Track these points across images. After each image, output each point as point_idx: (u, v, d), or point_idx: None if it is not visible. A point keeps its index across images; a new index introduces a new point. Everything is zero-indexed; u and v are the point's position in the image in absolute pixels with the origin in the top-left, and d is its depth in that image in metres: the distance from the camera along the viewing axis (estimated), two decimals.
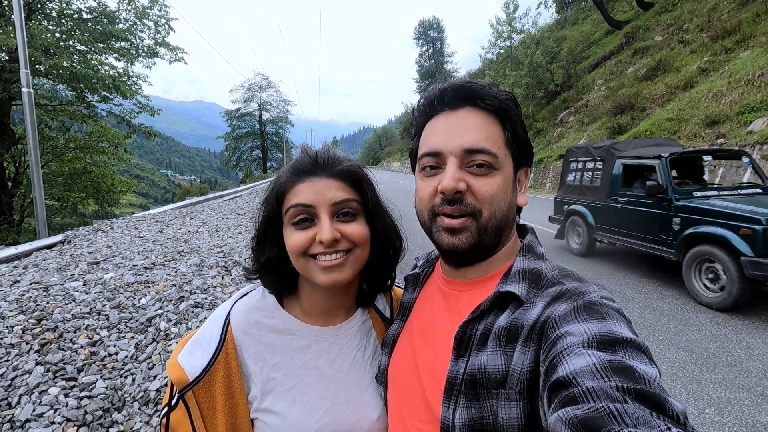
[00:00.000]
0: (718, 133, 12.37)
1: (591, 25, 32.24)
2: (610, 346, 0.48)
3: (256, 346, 0.79)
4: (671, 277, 5.58)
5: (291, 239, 0.76)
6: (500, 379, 0.58)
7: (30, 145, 7.22)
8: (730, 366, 3.34)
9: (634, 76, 20.00)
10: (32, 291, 3.00)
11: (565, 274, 0.67)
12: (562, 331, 0.53)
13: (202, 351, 0.76)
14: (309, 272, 0.76)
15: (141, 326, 2.68)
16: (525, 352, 0.58)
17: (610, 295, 0.60)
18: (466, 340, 0.65)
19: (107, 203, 18.60)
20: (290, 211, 0.76)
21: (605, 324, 0.52)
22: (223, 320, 0.80)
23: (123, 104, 16.82)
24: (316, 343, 0.83)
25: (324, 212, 0.75)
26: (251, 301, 0.84)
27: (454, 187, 0.65)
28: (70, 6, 14.70)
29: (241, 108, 45.82)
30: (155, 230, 5.75)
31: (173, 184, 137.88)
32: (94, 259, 3.93)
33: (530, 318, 0.60)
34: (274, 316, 0.82)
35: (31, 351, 2.35)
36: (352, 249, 0.77)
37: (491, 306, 0.66)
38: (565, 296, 0.60)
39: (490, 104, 0.69)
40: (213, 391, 0.74)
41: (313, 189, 0.76)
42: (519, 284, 0.65)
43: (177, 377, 0.74)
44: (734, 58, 15.03)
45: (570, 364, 0.47)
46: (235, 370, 0.76)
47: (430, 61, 65.38)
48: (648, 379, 0.43)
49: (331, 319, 0.86)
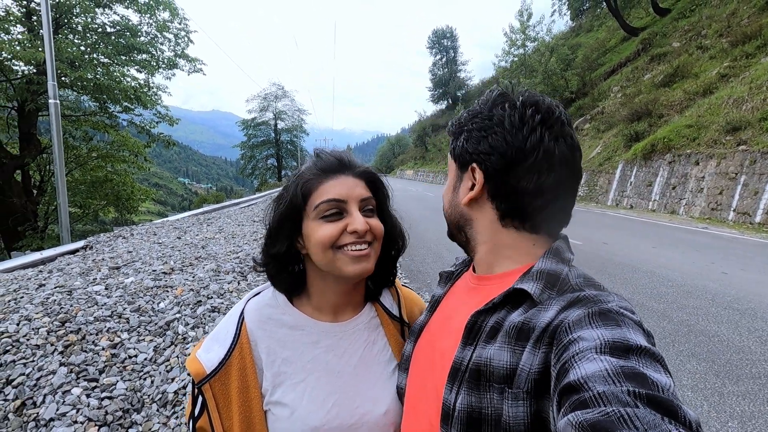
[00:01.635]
0: (740, 139, 12.09)
1: (606, 32, 31.96)
2: (624, 353, 0.48)
3: (268, 341, 0.82)
4: (691, 287, 5.45)
5: (320, 231, 0.79)
6: (503, 375, 0.59)
7: (56, 154, 7.48)
8: (754, 378, 3.24)
9: (652, 82, 19.72)
10: (57, 294, 3.09)
11: (589, 283, 0.67)
12: (574, 336, 0.53)
13: (219, 346, 0.80)
14: (337, 263, 0.80)
15: (160, 329, 2.75)
16: (535, 353, 0.58)
17: (630, 306, 0.59)
18: (476, 330, 0.66)
19: (127, 210, 19.06)
20: (321, 206, 0.79)
21: (619, 331, 0.51)
22: (238, 317, 0.84)
23: (143, 114, 17.30)
24: (325, 339, 0.86)
25: (354, 206, 0.81)
26: (263, 299, 0.88)
27: None
28: (95, 20, 15.26)
29: (257, 117, 46.59)
30: (173, 236, 5.88)
31: (190, 192, 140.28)
32: (115, 264, 4.04)
33: (543, 320, 0.60)
34: (284, 313, 0.86)
35: (56, 352, 2.43)
36: (373, 242, 0.82)
37: (503, 301, 0.67)
38: (581, 302, 0.60)
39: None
40: (228, 383, 0.78)
41: (343, 185, 0.81)
42: (534, 283, 0.66)
43: (195, 370, 0.78)
44: (755, 63, 14.71)
45: (582, 368, 0.47)
46: (249, 363, 0.80)
47: (443, 70, 65.58)
48: (661, 387, 0.43)
49: (340, 315, 0.89)
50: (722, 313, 4.54)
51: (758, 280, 5.84)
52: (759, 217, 10.63)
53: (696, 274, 6.10)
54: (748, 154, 11.43)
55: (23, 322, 2.63)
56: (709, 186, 12.47)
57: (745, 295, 5.14)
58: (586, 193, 19.41)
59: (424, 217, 13.07)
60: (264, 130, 47.68)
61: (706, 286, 5.52)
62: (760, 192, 10.77)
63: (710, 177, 12.52)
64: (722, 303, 4.86)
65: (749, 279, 5.89)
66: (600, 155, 19.49)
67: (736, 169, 11.70)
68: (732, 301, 4.90)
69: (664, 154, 14.67)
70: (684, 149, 13.89)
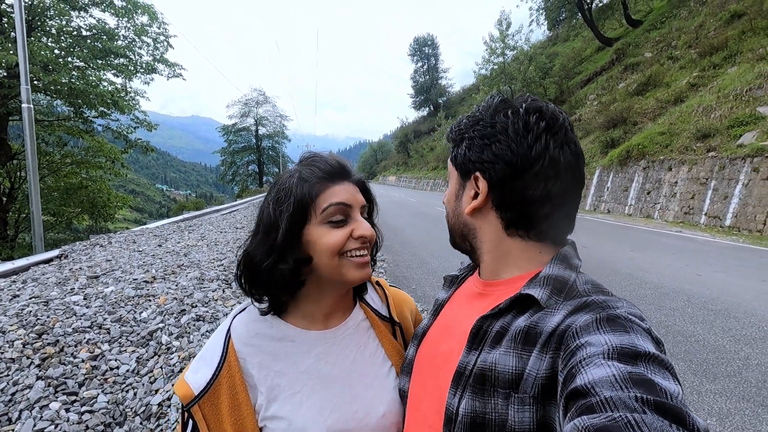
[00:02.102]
0: (709, 146, 12.59)
1: (582, 41, 32.96)
2: (632, 359, 0.47)
3: (259, 356, 0.81)
4: (668, 289, 5.62)
5: (328, 237, 0.78)
6: (508, 380, 0.59)
7: (29, 161, 7.23)
8: (729, 376, 3.36)
9: (626, 91, 20.38)
10: (32, 305, 2.98)
11: (597, 290, 0.66)
12: (582, 341, 0.53)
13: (206, 366, 0.79)
14: (342, 269, 0.80)
15: (142, 340, 2.68)
16: (542, 357, 0.58)
17: (639, 312, 0.58)
18: (482, 334, 0.66)
19: (103, 218, 18.53)
20: (329, 209, 0.79)
21: (628, 337, 0.51)
22: (224, 335, 0.83)
23: (120, 119, 16.90)
24: (316, 347, 0.85)
25: (358, 211, 0.82)
26: (250, 315, 0.87)
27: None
28: (70, 23, 14.88)
29: (238, 123, 46.12)
30: (154, 244, 5.74)
31: (169, 199, 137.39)
32: (94, 273, 3.92)
33: (550, 325, 0.60)
34: (272, 326, 0.85)
35: (32, 365, 2.34)
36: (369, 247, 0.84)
37: (510, 306, 0.67)
38: (589, 307, 0.59)
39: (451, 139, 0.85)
40: (218, 403, 0.76)
41: (348, 191, 0.82)
42: (541, 288, 0.65)
43: (183, 393, 0.77)
44: (722, 73, 15.39)
45: (589, 374, 0.47)
46: (239, 382, 0.79)
47: (425, 77, 66.34)
48: (670, 394, 0.42)
49: (330, 321, 0.89)
50: (698, 314, 4.69)
51: (730, 281, 6.07)
52: (729, 220, 11.06)
53: (672, 277, 6.30)
54: (717, 160, 11.90)
55: None
56: (682, 191, 12.92)
57: (718, 295, 5.33)
58: None
59: (408, 222, 13.12)
60: (245, 136, 47.21)
61: (682, 287, 5.70)
62: (730, 196, 11.22)
63: (683, 182, 12.98)
64: (698, 304, 5.03)
65: (722, 280, 6.11)
66: None
67: (706, 175, 12.16)
68: (707, 302, 5.07)
69: (638, 160, 15.15)
70: (657, 155, 14.38)
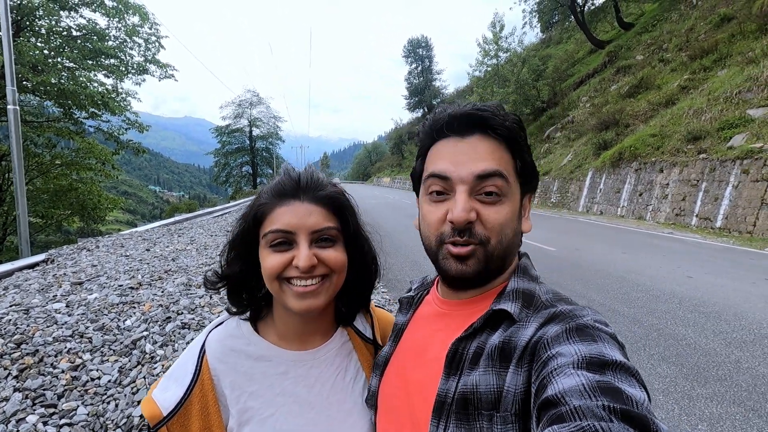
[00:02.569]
0: (700, 148, 12.70)
1: (575, 44, 33.20)
2: (600, 368, 0.49)
3: (233, 375, 0.77)
4: (659, 291, 5.63)
5: (267, 262, 0.74)
6: (492, 400, 0.58)
7: (14, 163, 7.10)
8: (720, 380, 3.36)
9: (618, 93, 20.56)
10: (12, 313, 2.90)
11: (558, 298, 0.67)
12: (553, 352, 0.53)
13: (177, 384, 0.74)
14: (283, 297, 0.75)
15: (125, 349, 2.61)
16: (518, 372, 0.58)
17: (603, 319, 0.60)
18: (458, 358, 0.64)
19: (93, 220, 18.32)
20: (269, 235, 0.75)
21: (596, 346, 0.52)
22: (198, 351, 0.78)
23: (111, 120, 16.73)
24: (294, 369, 0.81)
25: (303, 238, 0.74)
26: (226, 329, 0.82)
27: (465, 218, 0.65)
28: (60, 23, 14.71)
29: (231, 124, 45.89)
30: (142, 248, 5.65)
31: (161, 200, 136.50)
32: (78, 279, 3.83)
33: (524, 338, 0.60)
34: (249, 343, 0.81)
35: (9, 377, 2.27)
36: (329, 275, 0.77)
37: (484, 324, 0.66)
38: (558, 318, 0.60)
39: (501, 133, 0.68)
40: (188, 425, 0.72)
41: (294, 214, 0.75)
42: (512, 303, 0.65)
43: (150, 413, 0.71)
44: (712, 76, 15.56)
45: (559, 383, 0.48)
46: (212, 402, 0.74)
47: (419, 78, 66.44)
48: (635, 401, 0.44)
49: (307, 343, 0.84)
50: (689, 317, 4.70)
51: (721, 283, 6.10)
52: (719, 222, 11.16)
53: (663, 279, 6.32)
54: (708, 162, 12.01)
55: None
56: (673, 192, 13.02)
57: (709, 298, 5.35)
58: (558, 199, 19.94)
59: (402, 225, 13.10)
60: (238, 137, 46.98)
61: (674, 290, 5.72)
62: (720, 198, 11.32)
63: (674, 184, 13.09)
64: (689, 306, 5.04)
65: (713, 282, 6.14)
66: (571, 163, 20.09)
67: (697, 177, 12.27)
68: (698, 305, 5.09)
69: (630, 162, 15.26)
70: (649, 157, 14.49)
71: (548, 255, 8.26)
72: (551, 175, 21.13)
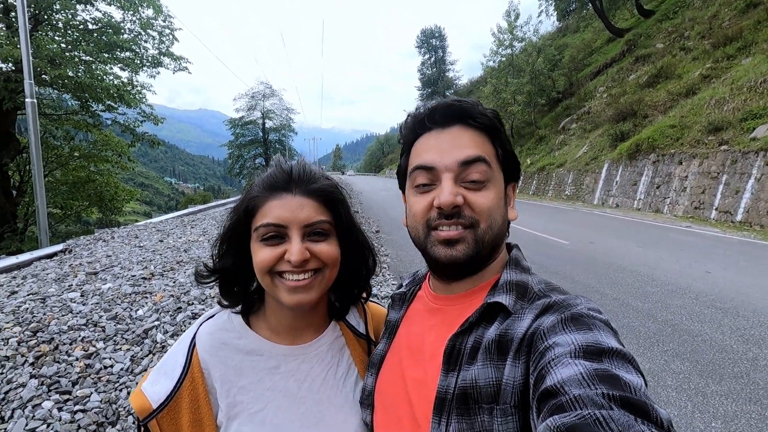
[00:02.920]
0: (721, 139, 12.33)
1: (592, 32, 32.36)
2: (597, 356, 0.49)
3: (223, 369, 0.76)
4: (675, 286, 5.52)
5: (258, 255, 0.74)
6: (491, 394, 0.58)
7: (33, 155, 7.27)
8: (736, 378, 3.28)
9: (636, 83, 20.02)
10: (29, 302, 2.99)
11: (551, 288, 0.68)
12: (550, 342, 0.54)
13: (167, 377, 0.74)
14: (275, 291, 0.75)
15: (137, 338, 2.66)
16: (516, 365, 0.58)
17: (596, 306, 0.61)
18: (456, 353, 0.64)
19: (111, 211, 18.71)
20: (260, 229, 0.74)
21: (592, 334, 0.53)
22: (188, 344, 0.77)
23: (127, 113, 16.97)
24: (285, 363, 0.81)
25: (295, 232, 0.73)
26: (217, 322, 0.82)
27: (452, 201, 0.65)
28: (76, 17, 14.90)
29: (245, 116, 46.13)
30: (155, 239, 5.75)
31: (177, 191, 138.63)
32: (93, 269, 3.92)
33: (520, 330, 0.60)
34: (241, 337, 0.80)
35: (26, 364, 2.34)
36: (321, 269, 0.76)
37: (480, 318, 0.66)
38: (553, 308, 0.61)
39: (481, 122, 0.70)
40: (178, 418, 0.72)
41: (285, 207, 0.74)
42: (506, 295, 0.66)
43: (139, 406, 0.71)
44: (736, 65, 15.02)
45: (558, 373, 0.48)
46: (202, 395, 0.74)
47: (432, 69, 65.72)
48: (633, 387, 0.44)
49: (299, 337, 0.84)
50: (705, 312, 4.59)
51: (740, 278, 5.94)
52: (740, 215, 10.85)
53: (680, 273, 6.18)
54: (729, 153, 11.65)
55: None
56: (692, 185, 12.69)
57: (727, 293, 5.22)
58: (573, 192, 19.63)
59: None
60: (252, 129, 47.24)
61: (690, 285, 5.60)
62: (741, 191, 10.99)
63: (693, 176, 12.74)
64: (705, 302, 4.93)
65: (731, 278, 5.98)
66: (586, 155, 19.72)
67: (718, 169, 11.92)
68: (715, 300, 4.97)
69: (648, 154, 14.90)
70: (668, 149, 14.12)
71: (561, 248, 8.16)
72: (566, 167, 20.78)
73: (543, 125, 27.66)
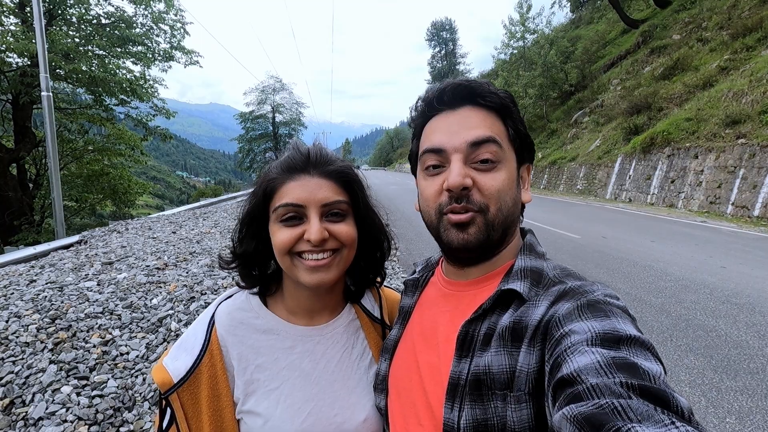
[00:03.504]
0: (739, 133, 12.05)
1: (606, 24, 31.73)
2: (614, 344, 0.48)
3: (240, 347, 0.78)
4: (689, 281, 5.44)
5: (278, 236, 0.75)
6: (505, 380, 0.58)
7: (49, 148, 7.40)
8: (751, 373, 3.23)
9: (651, 75, 19.62)
10: (48, 290, 3.05)
11: (567, 274, 0.66)
12: (566, 330, 0.53)
13: (187, 353, 0.76)
14: (294, 271, 0.76)
15: (152, 326, 2.71)
16: (531, 352, 0.57)
17: (614, 293, 0.59)
18: (469, 340, 0.64)
19: (124, 204, 18.97)
20: (279, 209, 0.74)
21: (609, 322, 0.51)
22: (208, 322, 0.79)
23: (140, 107, 17.14)
24: (301, 344, 0.82)
25: (314, 212, 0.74)
26: (235, 302, 0.83)
27: (461, 183, 0.65)
28: (89, 12, 15.04)
29: (255, 110, 46.28)
30: (168, 231, 5.83)
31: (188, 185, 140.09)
32: (109, 259, 3.99)
33: (535, 317, 0.59)
34: (258, 317, 0.82)
35: (45, 350, 2.40)
36: (340, 249, 0.77)
37: (494, 305, 0.65)
38: (569, 295, 0.60)
39: (491, 101, 0.69)
40: (198, 393, 0.74)
41: (304, 188, 0.75)
42: (521, 282, 0.65)
43: (161, 379, 0.73)
44: (756, 56, 14.62)
45: (574, 361, 0.47)
46: (220, 371, 0.76)
47: (442, 62, 65.20)
48: (652, 376, 0.43)
49: (316, 319, 0.85)
50: (720, 308, 4.52)
51: (756, 274, 5.83)
52: (758, 210, 10.62)
53: (694, 268, 6.09)
54: (747, 147, 11.39)
55: (12, 319, 2.59)
56: (708, 180, 12.45)
57: (743, 289, 5.13)
58: (585, 186, 19.39)
59: None
60: (262, 123, 47.40)
61: (705, 280, 5.51)
62: (759, 185, 10.75)
63: (709, 170, 12.49)
64: (720, 297, 4.85)
65: (747, 273, 5.87)
66: (599, 148, 19.44)
67: (735, 163, 11.67)
68: (730, 296, 4.89)
69: (663, 148, 14.63)
70: (683, 143, 13.85)
71: (573, 242, 8.08)
72: (578, 161, 20.52)
73: (555, 119, 27.29)
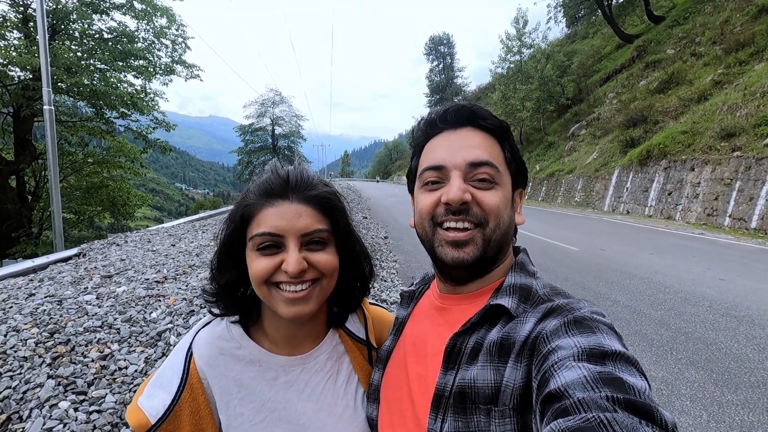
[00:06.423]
0: (734, 145, 12.17)
1: (602, 39, 32.24)
2: (600, 359, 0.49)
3: (221, 380, 0.74)
4: (688, 294, 5.44)
5: (254, 266, 0.70)
6: (489, 395, 0.58)
7: (50, 161, 7.43)
8: (752, 387, 3.22)
9: (647, 89, 19.88)
10: (47, 304, 3.04)
11: (555, 292, 0.68)
12: (553, 346, 0.54)
13: (164, 390, 0.71)
14: (272, 302, 0.72)
15: (151, 340, 2.70)
16: (517, 367, 0.58)
17: (600, 310, 0.61)
18: (456, 352, 0.65)
19: (123, 216, 18.95)
20: (255, 238, 0.70)
21: (595, 337, 0.53)
22: (185, 354, 0.74)
23: (140, 120, 17.24)
24: (284, 374, 0.79)
25: (293, 242, 0.70)
26: (214, 331, 0.78)
27: (460, 197, 0.66)
28: (92, 27, 15.24)
29: (254, 123, 46.59)
30: (168, 244, 5.82)
31: (187, 197, 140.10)
32: (108, 272, 3.99)
33: (523, 333, 0.60)
34: (240, 347, 0.77)
35: (44, 364, 2.38)
36: (319, 279, 0.73)
37: (482, 319, 0.67)
38: (556, 312, 0.61)
39: (491, 124, 0.72)
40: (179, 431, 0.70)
41: (282, 215, 0.70)
42: (509, 298, 0.66)
43: (137, 421, 0.68)
44: (749, 70, 14.86)
45: (561, 377, 0.48)
46: (203, 405, 0.71)
47: (440, 76, 65.99)
48: (637, 390, 0.44)
49: (298, 348, 0.81)
50: (720, 321, 4.52)
51: (755, 286, 5.84)
52: (755, 222, 10.67)
53: (693, 281, 6.09)
54: (743, 159, 11.50)
55: (11, 333, 2.58)
56: (705, 192, 12.53)
57: (742, 301, 5.13)
58: (582, 198, 19.47)
59: None
60: (261, 135, 47.67)
61: (704, 292, 5.51)
62: (756, 198, 10.82)
63: (706, 183, 12.58)
64: (720, 310, 4.85)
65: (746, 285, 5.88)
66: (596, 161, 19.58)
67: (731, 175, 11.76)
68: (729, 308, 4.89)
69: (659, 160, 14.75)
70: (679, 155, 13.97)
71: (571, 255, 8.08)
72: (575, 174, 20.64)
73: (552, 131, 27.54)
